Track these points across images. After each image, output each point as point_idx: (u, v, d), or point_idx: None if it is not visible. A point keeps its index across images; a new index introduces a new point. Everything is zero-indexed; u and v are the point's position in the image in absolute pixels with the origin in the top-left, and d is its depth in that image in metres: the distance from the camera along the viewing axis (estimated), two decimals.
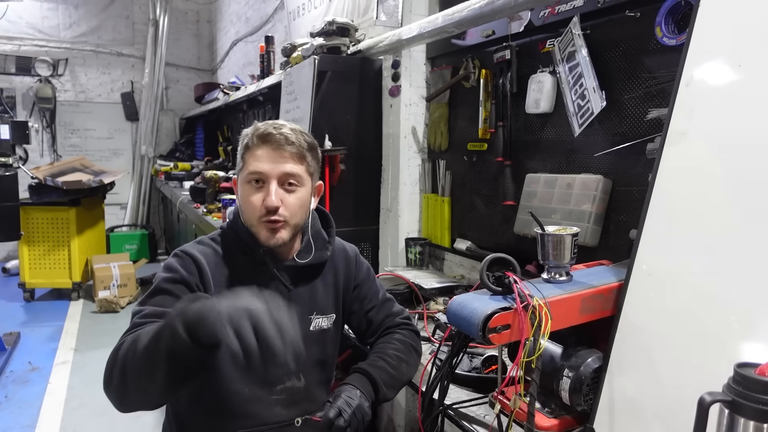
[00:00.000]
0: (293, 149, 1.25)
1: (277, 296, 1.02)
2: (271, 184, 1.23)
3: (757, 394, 0.72)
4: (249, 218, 1.27)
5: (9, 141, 4.51)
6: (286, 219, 1.25)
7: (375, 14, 2.55)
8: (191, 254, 1.25)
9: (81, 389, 3.37)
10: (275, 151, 1.24)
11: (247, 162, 1.26)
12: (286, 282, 1.32)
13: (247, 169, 1.25)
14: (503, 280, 1.11)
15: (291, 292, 1.33)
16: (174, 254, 1.28)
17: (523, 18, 1.88)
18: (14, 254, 5.74)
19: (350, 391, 1.21)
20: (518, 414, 1.10)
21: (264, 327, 0.92)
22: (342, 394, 1.19)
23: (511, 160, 1.99)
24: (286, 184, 1.25)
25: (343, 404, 1.17)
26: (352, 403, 1.17)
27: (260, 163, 1.23)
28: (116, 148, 7.28)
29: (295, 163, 1.26)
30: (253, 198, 1.24)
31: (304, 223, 1.33)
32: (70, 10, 6.88)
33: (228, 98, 4.63)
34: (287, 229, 1.26)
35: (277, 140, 1.24)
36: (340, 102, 2.49)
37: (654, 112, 1.48)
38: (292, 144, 1.24)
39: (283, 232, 1.26)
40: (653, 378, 1.02)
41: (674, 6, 1.41)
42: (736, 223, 0.96)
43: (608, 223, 1.63)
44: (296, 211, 1.27)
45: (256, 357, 0.92)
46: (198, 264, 1.24)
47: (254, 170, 1.24)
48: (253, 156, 1.25)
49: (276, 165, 1.23)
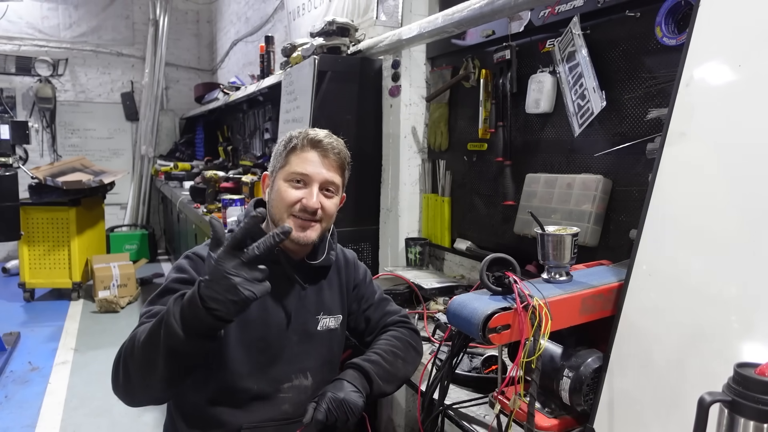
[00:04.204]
0: (337, 159, 1.32)
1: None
2: (314, 187, 1.28)
3: (757, 394, 0.72)
4: (279, 209, 1.29)
5: (9, 141, 4.51)
6: (321, 220, 1.30)
7: (375, 14, 2.55)
8: (201, 256, 1.27)
9: (81, 389, 3.37)
10: (323, 157, 1.30)
11: (292, 162, 1.29)
12: (300, 281, 1.35)
13: (292, 168, 1.29)
14: (503, 280, 1.11)
15: (305, 291, 1.36)
16: (185, 256, 1.30)
17: (523, 18, 1.88)
18: (14, 254, 5.75)
19: (336, 386, 1.22)
20: (518, 414, 1.10)
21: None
22: (328, 390, 1.21)
23: (511, 160, 1.99)
24: (325, 190, 1.30)
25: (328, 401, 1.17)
26: (337, 397, 1.18)
27: (308, 166, 1.28)
28: (116, 148, 7.28)
29: (336, 172, 1.33)
30: (292, 193, 1.28)
31: (328, 228, 1.38)
32: (70, 10, 6.88)
33: (228, 98, 4.63)
34: (318, 231, 1.31)
35: (325, 147, 1.30)
36: (340, 102, 2.49)
37: (654, 112, 1.48)
38: (337, 155, 1.32)
39: (313, 233, 1.30)
40: (653, 378, 1.02)
41: (674, 6, 1.41)
42: (736, 223, 0.95)
43: (608, 223, 1.63)
44: (330, 215, 1.33)
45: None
46: None
47: (301, 171, 1.28)
48: (300, 158, 1.29)
49: (321, 170, 1.29)
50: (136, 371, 1.07)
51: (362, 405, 1.22)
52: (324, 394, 1.20)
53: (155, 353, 1.02)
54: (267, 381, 1.29)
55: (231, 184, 3.94)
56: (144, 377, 1.06)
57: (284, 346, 1.31)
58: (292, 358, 1.32)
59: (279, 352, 1.30)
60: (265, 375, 1.28)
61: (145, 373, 1.06)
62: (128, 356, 1.07)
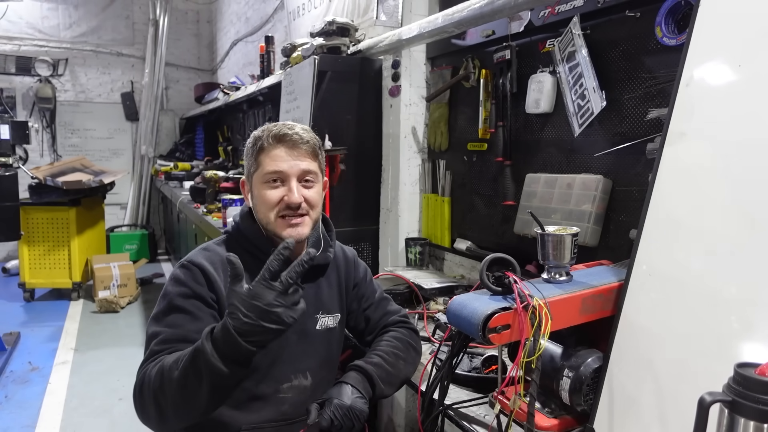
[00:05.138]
0: (308, 147, 1.29)
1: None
2: (292, 182, 1.26)
3: (757, 394, 0.72)
4: (266, 215, 1.28)
5: (9, 141, 4.51)
6: (308, 212, 1.29)
7: (375, 14, 2.55)
8: (198, 264, 1.24)
9: (81, 389, 3.37)
10: (292, 150, 1.27)
11: (263, 162, 1.27)
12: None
13: (265, 169, 1.27)
14: (503, 280, 1.11)
15: (303, 291, 1.34)
16: (181, 265, 1.27)
17: (523, 18, 1.88)
18: (14, 254, 5.74)
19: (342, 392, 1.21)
20: (518, 414, 1.10)
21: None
22: (334, 397, 1.19)
23: (511, 160, 1.99)
24: (304, 181, 1.29)
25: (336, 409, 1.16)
26: (343, 405, 1.17)
27: (280, 162, 1.26)
28: (116, 148, 7.28)
29: (311, 160, 1.30)
30: (272, 194, 1.26)
31: (319, 218, 1.37)
32: (70, 10, 6.88)
33: (228, 98, 4.63)
34: (308, 223, 1.30)
35: (292, 139, 1.27)
36: (340, 102, 2.49)
37: (654, 112, 1.48)
38: (306, 142, 1.29)
39: (305, 227, 1.29)
40: (653, 378, 1.02)
41: (674, 6, 1.41)
42: (736, 223, 0.95)
43: (608, 223, 1.63)
44: (316, 204, 1.31)
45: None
46: (206, 273, 1.23)
47: (273, 170, 1.26)
48: (270, 156, 1.27)
49: (294, 163, 1.27)
50: (174, 408, 1.07)
51: (367, 411, 1.21)
52: (330, 400, 1.19)
53: (196, 390, 1.03)
54: (266, 382, 1.28)
55: (231, 184, 3.94)
56: (185, 413, 1.08)
57: (283, 346, 1.31)
58: (291, 358, 1.32)
59: (278, 353, 1.29)
60: (264, 376, 1.27)
61: (187, 409, 1.07)
62: (159, 395, 1.07)
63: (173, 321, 1.18)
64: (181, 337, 1.16)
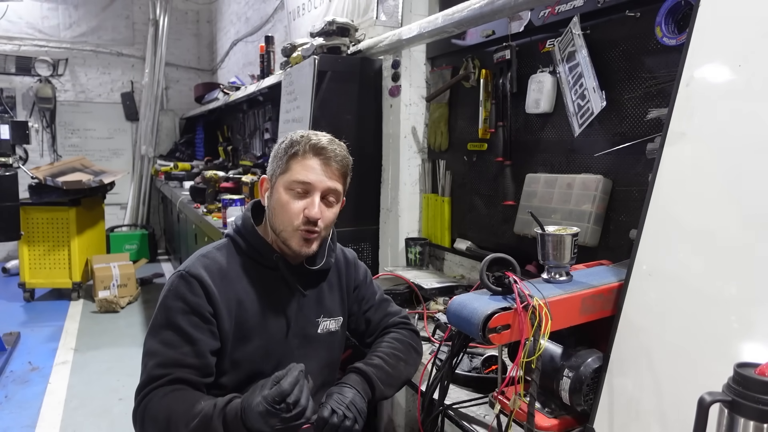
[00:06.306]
0: (340, 167, 1.29)
1: None
2: (316, 196, 1.26)
3: (757, 394, 0.72)
4: (283, 224, 1.27)
5: (9, 141, 4.51)
6: (320, 231, 1.28)
7: (375, 14, 2.55)
8: (196, 275, 1.22)
9: (81, 389, 3.37)
10: (325, 165, 1.27)
11: (294, 169, 1.26)
12: (300, 287, 1.34)
13: (294, 176, 1.26)
14: (503, 280, 1.11)
15: (305, 297, 1.35)
16: (179, 275, 1.24)
17: (523, 18, 1.88)
18: (14, 254, 5.74)
19: (342, 389, 1.22)
20: (518, 414, 1.10)
21: None
22: (334, 393, 1.21)
23: (511, 160, 1.99)
24: (326, 199, 1.28)
25: (335, 402, 1.17)
26: (344, 400, 1.18)
27: (310, 173, 1.25)
28: (116, 148, 7.28)
29: (338, 180, 1.30)
30: (295, 205, 1.25)
31: (328, 236, 1.37)
32: (70, 10, 6.88)
33: (228, 98, 4.63)
34: (318, 241, 1.30)
35: (329, 155, 1.27)
36: (340, 102, 2.49)
37: (654, 112, 1.48)
38: (339, 162, 1.29)
39: (315, 244, 1.29)
40: (653, 378, 1.02)
41: (674, 6, 1.41)
42: (735, 223, 0.95)
43: (608, 223, 1.63)
44: (330, 225, 1.31)
45: None
46: (204, 285, 1.22)
47: (303, 179, 1.25)
48: (302, 165, 1.26)
49: (324, 179, 1.26)
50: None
51: (366, 410, 1.22)
52: (330, 393, 1.20)
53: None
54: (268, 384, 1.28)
55: (231, 184, 3.94)
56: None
57: (285, 352, 1.31)
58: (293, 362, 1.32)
59: (280, 359, 1.29)
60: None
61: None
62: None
63: (170, 340, 1.18)
64: (178, 362, 1.16)
